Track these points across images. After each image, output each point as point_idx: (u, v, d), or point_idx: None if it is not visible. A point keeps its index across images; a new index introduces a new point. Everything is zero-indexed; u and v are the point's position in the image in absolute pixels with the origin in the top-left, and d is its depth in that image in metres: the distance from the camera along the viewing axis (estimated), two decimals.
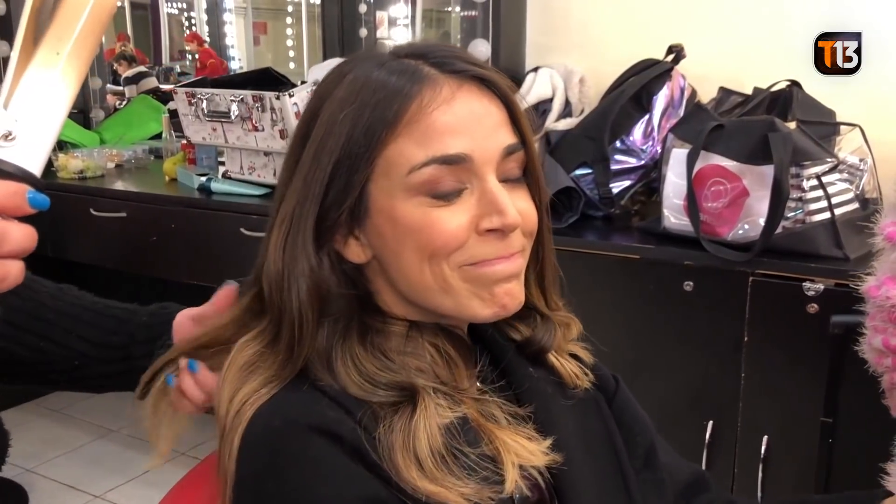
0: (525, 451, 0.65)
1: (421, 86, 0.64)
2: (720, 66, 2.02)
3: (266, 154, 2.24)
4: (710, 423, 1.65)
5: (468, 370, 0.69)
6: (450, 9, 2.82)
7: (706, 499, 0.83)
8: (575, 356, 0.79)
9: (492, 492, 0.61)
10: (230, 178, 2.37)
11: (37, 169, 0.54)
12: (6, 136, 0.52)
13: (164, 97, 3.38)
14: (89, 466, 2.69)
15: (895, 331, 0.69)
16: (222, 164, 2.46)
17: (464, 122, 0.64)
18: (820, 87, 1.82)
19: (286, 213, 0.66)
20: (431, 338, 0.68)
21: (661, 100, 1.89)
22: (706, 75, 1.99)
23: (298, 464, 0.59)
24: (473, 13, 2.43)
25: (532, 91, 2.09)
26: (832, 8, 1.88)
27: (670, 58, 1.94)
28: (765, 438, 1.59)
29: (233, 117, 2.21)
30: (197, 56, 3.95)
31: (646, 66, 1.96)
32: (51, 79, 0.54)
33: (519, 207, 0.66)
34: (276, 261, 0.65)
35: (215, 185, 2.32)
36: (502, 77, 0.68)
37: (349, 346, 0.65)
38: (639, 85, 1.90)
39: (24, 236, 0.53)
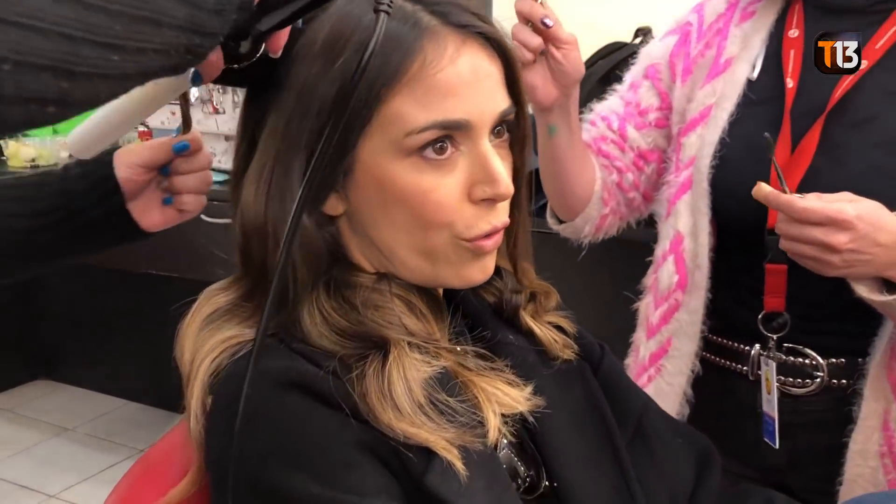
0: (507, 399, 0.63)
1: (423, 41, 0.59)
2: None
3: (227, 139, 2.17)
4: None
5: (439, 324, 0.66)
6: None
7: (713, 480, 0.78)
8: (558, 327, 0.77)
9: (474, 435, 0.59)
10: None
11: None
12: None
13: None
14: (43, 466, 2.61)
15: None
16: None
17: (466, 83, 0.61)
18: None
19: (264, 162, 0.61)
20: (401, 291, 0.65)
21: None
22: None
23: (279, 420, 0.56)
24: None
25: None
26: None
27: (638, 40, 1.93)
28: None
29: (192, 100, 2.14)
30: None
31: (613, 48, 1.95)
32: None
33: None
34: (258, 212, 0.60)
35: None
36: (504, 35, 0.64)
37: (317, 297, 0.61)
38: (607, 67, 1.89)
39: None
